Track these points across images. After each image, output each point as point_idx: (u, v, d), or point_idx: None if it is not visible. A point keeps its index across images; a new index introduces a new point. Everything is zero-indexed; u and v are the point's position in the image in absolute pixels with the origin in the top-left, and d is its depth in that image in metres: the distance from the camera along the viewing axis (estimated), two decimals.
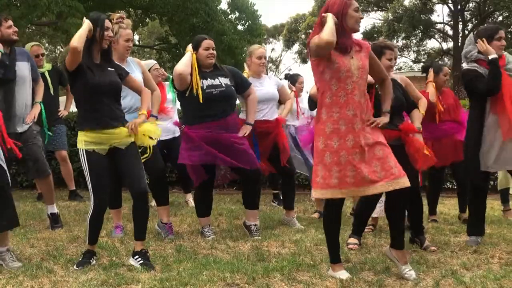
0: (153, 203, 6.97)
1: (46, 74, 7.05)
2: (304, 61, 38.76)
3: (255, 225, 5.22)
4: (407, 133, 4.52)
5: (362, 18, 3.80)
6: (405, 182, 3.67)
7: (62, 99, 7.76)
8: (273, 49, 43.15)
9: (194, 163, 5.02)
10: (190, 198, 7.38)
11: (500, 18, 30.45)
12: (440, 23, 32.90)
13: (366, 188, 3.69)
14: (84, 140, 3.95)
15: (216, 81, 5.05)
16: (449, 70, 6.19)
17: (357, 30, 3.80)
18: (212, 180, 5.25)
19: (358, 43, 3.83)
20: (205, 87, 5.00)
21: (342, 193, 3.70)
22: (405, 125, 4.56)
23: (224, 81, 5.07)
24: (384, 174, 3.65)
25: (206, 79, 5.04)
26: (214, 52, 5.13)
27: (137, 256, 4.04)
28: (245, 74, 5.69)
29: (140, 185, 4.02)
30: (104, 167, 4.02)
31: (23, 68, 5.15)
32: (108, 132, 3.97)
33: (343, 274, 3.75)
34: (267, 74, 6.13)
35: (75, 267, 3.94)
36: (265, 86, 5.78)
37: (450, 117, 6.00)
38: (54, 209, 5.54)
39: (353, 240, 4.79)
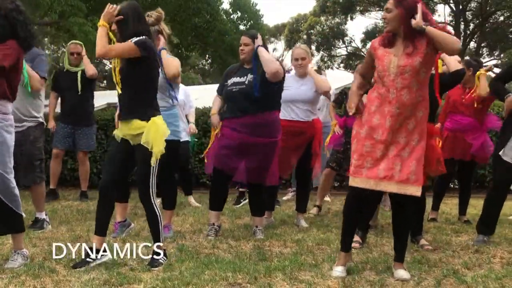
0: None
1: (79, 73, 7.18)
2: None
3: (260, 229, 5.25)
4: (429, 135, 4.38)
5: (384, 18, 3.81)
6: (415, 191, 3.67)
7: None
8: (274, 49, 43.06)
9: (219, 166, 5.07)
10: (192, 199, 7.40)
11: (502, 18, 30.41)
12: (442, 23, 32.82)
13: (378, 183, 3.72)
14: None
15: (242, 79, 5.04)
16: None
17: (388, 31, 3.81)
18: (229, 175, 5.15)
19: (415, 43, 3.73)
20: (229, 84, 5.10)
21: (355, 181, 3.77)
22: (429, 126, 4.41)
23: (251, 77, 5.00)
24: (399, 176, 3.67)
25: (236, 77, 5.09)
26: (245, 48, 5.08)
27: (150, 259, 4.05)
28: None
29: (139, 192, 4.05)
30: (116, 152, 4.08)
31: None
32: (122, 123, 4.07)
33: (336, 272, 3.78)
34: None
35: (71, 266, 3.93)
36: (303, 87, 5.69)
37: (469, 113, 6.05)
38: (41, 215, 5.44)
39: (355, 237, 4.79)
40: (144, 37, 3.97)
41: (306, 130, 5.65)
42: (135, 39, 3.93)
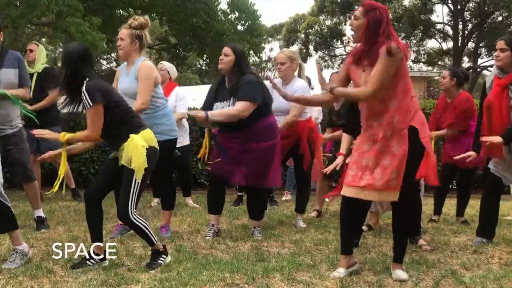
0: (153, 203, 6.98)
1: (35, 76, 6.84)
2: (304, 60, 38.74)
3: (258, 229, 5.24)
4: None
5: (351, 25, 3.79)
6: (394, 197, 3.70)
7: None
8: (271, 49, 43.15)
9: (216, 173, 5.08)
10: (189, 200, 7.39)
11: (500, 18, 30.44)
12: (440, 23, 32.88)
13: (359, 191, 3.74)
14: None
15: (225, 104, 4.98)
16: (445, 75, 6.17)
17: (354, 41, 3.85)
18: (227, 179, 5.13)
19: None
20: (215, 110, 5.06)
21: (343, 189, 3.83)
22: None
23: (232, 103, 4.95)
24: (381, 184, 3.67)
25: (219, 101, 5.05)
26: (224, 58, 4.99)
27: (149, 261, 4.07)
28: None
29: (118, 208, 4.01)
30: (107, 168, 4.12)
31: (5, 74, 5.04)
32: None
33: (336, 273, 3.78)
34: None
35: (69, 268, 3.93)
36: (280, 98, 5.64)
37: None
38: (40, 212, 5.51)
39: None
40: (86, 86, 3.86)
41: (290, 134, 5.59)
42: (86, 98, 3.83)
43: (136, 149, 3.86)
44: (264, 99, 4.99)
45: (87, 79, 3.89)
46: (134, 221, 3.95)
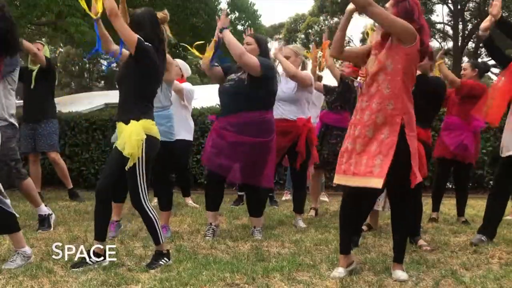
0: (153, 202, 6.98)
1: (35, 72, 6.99)
2: None
3: (258, 229, 5.24)
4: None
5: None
6: (376, 183, 3.61)
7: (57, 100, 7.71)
8: (270, 49, 43.07)
9: (209, 166, 5.09)
10: (189, 200, 7.39)
11: None
12: (440, 23, 32.89)
13: (349, 178, 3.74)
14: None
15: (237, 76, 5.05)
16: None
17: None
18: (222, 175, 5.10)
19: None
20: (226, 80, 5.13)
21: (335, 178, 3.84)
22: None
23: (245, 76, 4.99)
24: (363, 169, 3.66)
25: (235, 73, 5.10)
26: (247, 47, 5.09)
27: (150, 260, 4.07)
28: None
29: (130, 198, 4.02)
30: (113, 155, 4.07)
31: None
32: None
33: (335, 273, 3.78)
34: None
35: (69, 267, 3.92)
36: (285, 86, 5.70)
37: (455, 112, 6.08)
38: (41, 210, 5.44)
39: None
40: (150, 45, 3.98)
41: (291, 130, 5.64)
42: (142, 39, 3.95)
43: (131, 137, 3.85)
44: (269, 83, 5.02)
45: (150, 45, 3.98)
46: (147, 210, 3.98)
